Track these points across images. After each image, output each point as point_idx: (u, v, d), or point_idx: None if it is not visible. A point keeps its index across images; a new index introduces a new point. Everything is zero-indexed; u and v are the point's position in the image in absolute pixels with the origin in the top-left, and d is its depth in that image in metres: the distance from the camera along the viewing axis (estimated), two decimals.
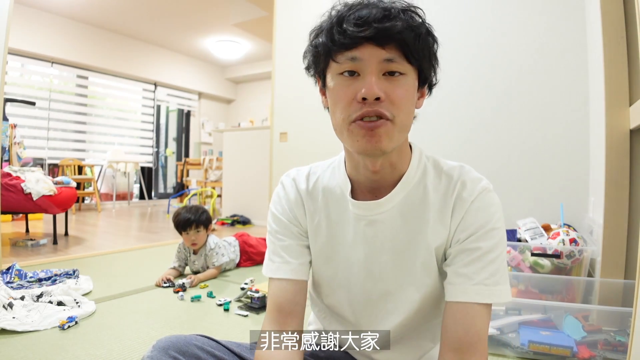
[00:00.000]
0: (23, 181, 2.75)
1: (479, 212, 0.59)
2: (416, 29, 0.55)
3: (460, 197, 0.60)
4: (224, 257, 2.19)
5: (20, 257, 2.52)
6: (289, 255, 0.68)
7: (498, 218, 0.60)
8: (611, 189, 1.44)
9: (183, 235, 2.13)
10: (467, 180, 0.61)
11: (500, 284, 0.58)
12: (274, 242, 0.70)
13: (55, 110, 5.18)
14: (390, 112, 0.55)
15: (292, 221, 0.70)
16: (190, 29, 5.61)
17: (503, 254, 0.60)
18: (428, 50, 0.57)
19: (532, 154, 2.02)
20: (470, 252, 0.59)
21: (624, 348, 1.17)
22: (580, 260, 1.49)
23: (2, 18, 1.98)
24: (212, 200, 4.92)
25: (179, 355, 0.61)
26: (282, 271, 0.67)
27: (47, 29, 4.89)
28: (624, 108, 1.43)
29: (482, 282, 0.57)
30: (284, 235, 0.69)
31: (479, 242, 0.58)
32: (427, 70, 0.59)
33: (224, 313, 1.64)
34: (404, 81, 0.56)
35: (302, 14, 3.04)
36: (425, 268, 0.63)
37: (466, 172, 0.63)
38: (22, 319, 1.41)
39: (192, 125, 7.24)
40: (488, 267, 0.58)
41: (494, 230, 0.59)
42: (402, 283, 0.64)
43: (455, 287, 0.59)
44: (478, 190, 0.60)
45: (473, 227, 0.59)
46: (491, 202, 0.60)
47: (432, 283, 0.64)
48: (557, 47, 1.98)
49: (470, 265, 0.58)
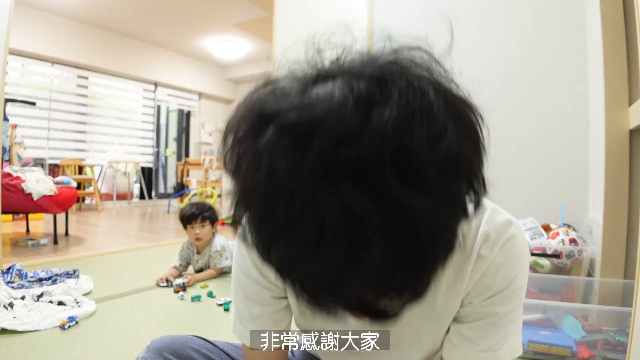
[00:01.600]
0: (23, 181, 2.75)
1: (501, 270, 0.45)
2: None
3: (480, 255, 0.46)
4: (227, 261, 2.19)
5: (21, 257, 2.53)
6: (263, 324, 0.56)
7: (523, 274, 0.46)
8: (611, 189, 1.44)
9: (188, 230, 2.14)
10: (489, 231, 0.46)
11: (510, 338, 0.48)
12: (243, 304, 0.56)
13: (56, 110, 5.18)
14: None
15: (262, 284, 0.53)
16: (190, 29, 5.62)
17: (520, 307, 0.48)
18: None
19: (532, 153, 2.02)
20: (482, 316, 0.47)
21: (624, 348, 1.17)
22: (580, 260, 1.50)
23: (3, 18, 1.98)
24: (212, 200, 4.92)
25: (173, 357, 0.59)
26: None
27: (48, 29, 4.89)
28: (623, 108, 1.43)
29: (489, 348, 0.47)
30: (255, 302, 0.55)
31: (496, 306, 0.46)
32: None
33: (224, 313, 1.64)
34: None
35: (302, 14, 3.04)
36: (431, 335, 0.53)
37: (486, 217, 0.47)
38: (23, 318, 1.42)
39: (193, 125, 7.24)
40: (500, 331, 0.47)
41: (517, 290, 0.46)
42: (403, 343, 0.56)
43: (457, 349, 0.49)
44: (502, 241, 0.45)
45: (492, 289, 0.46)
46: (518, 255, 0.46)
47: (437, 345, 0.54)
48: (557, 47, 1.98)
49: (479, 329, 0.47)
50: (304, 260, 0.30)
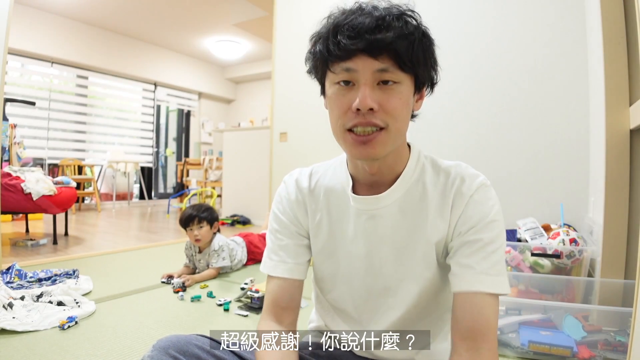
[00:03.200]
0: (23, 181, 2.75)
1: (478, 205, 0.61)
2: (409, 36, 0.55)
3: (460, 191, 0.62)
4: (225, 261, 2.19)
5: (20, 257, 2.52)
6: (287, 255, 0.70)
7: (497, 211, 0.62)
8: (611, 189, 1.44)
9: (187, 232, 2.15)
10: (465, 176, 0.63)
11: (502, 275, 0.60)
12: (273, 241, 0.72)
13: (55, 110, 5.18)
14: (384, 122, 0.57)
15: (292, 221, 0.72)
16: (190, 29, 5.61)
17: (503, 247, 0.61)
18: (423, 55, 0.58)
19: (532, 154, 2.02)
20: (471, 244, 0.60)
21: (624, 348, 1.17)
22: (580, 260, 1.49)
23: (2, 18, 1.98)
24: (212, 200, 4.92)
25: (179, 355, 0.61)
26: (279, 270, 0.70)
27: (47, 29, 4.89)
28: (624, 108, 1.43)
29: (484, 271, 0.58)
30: (283, 235, 0.72)
31: (479, 234, 0.60)
32: (423, 75, 0.60)
33: (224, 313, 1.64)
34: (398, 90, 0.57)
35: (302, 14, 3.04)
36: (424, 262, 0.65)
37: (464, 168, 0.65)
38: (22, 319, 1.41)
39: (192, 125, 7.24)
40: (490, 257, 0.59)
41: (493, 222, 0.61)
42: (402, 277, 0.66)
43: (459, 277, 0.60)
44: (477, 184, 0.62)
45: (473, 219, 0.61)
46: (489, 196, 0.62)
47: (431, 277, 0.65)
48: (557, 47, 1.98)
49: (472, 256, 0.60)
50: (347, 19, 0.56)
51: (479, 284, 0.58)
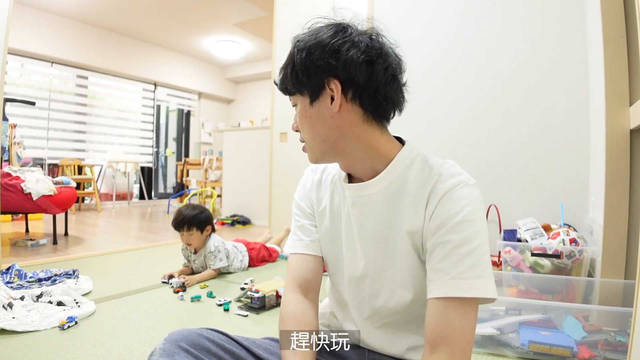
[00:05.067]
0: (23, 181, 2.74)
1: (449, 203, 0.60)
2: (286, 67, 0.68)
3: (435, 188, 0.63)
4: (222, 262, 2.18)
5: (20, 257, 2.52)
6: (303, 234, 0.79)
7: (470, 211, 0.59)
8: (611, 189, 1.44)
9: (180, 236, 2.15)
10: (445, 174, 0.63)
11: (483, 277, 0.57)
12: (294, 224, 0.82)
13: (55, 110, 5.18)
14: (302, 136, 0.71)
15: (307, 205, 0.82)
16: (190, 29, 5.61)
17: (481, 248, 0.59)
18: (293, 80, 0.67)
19: (532, 154, 2.02)
20: (442, 246, 0.59)
21: (624, 348, 1.17)
22: (581, 260, 1.50)
23: (2, 18, 1.98)
24: (212, 200, 4.92)
25: (190, 348, 0.62)
26: (297, 247, 0.78)
27: (47, 29, 4.89)
28: (624, 108, 1.43)
29: (458, 276, 0.57)
30: (300, 217, 0.81)
31: (449, 234, 0.59)
32: (311, 88, 0.66)
33: (224, 313, 1.64)
34: (298, 110, 0.69)
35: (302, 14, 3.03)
36: (403, 253, 0.66)
37: (448, 167, 0.65)
38: (22, 319, 1.41)
39: (192, 125, 7.24)
40: (464, 260, 0.57)
41: (464, 222, 0.59)
42: (380, 266, 0.69)
43: (432, 283, 0.60)
44: (453, 183, 0.62)
45: (442, 218, 0.60)
46: (464, 195, 0.61)
47: (409, 268, 0.66)
48: (557, 47, 1.98)
49: (444, 260, 0.59)
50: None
51: (451, 290, 0.57)
